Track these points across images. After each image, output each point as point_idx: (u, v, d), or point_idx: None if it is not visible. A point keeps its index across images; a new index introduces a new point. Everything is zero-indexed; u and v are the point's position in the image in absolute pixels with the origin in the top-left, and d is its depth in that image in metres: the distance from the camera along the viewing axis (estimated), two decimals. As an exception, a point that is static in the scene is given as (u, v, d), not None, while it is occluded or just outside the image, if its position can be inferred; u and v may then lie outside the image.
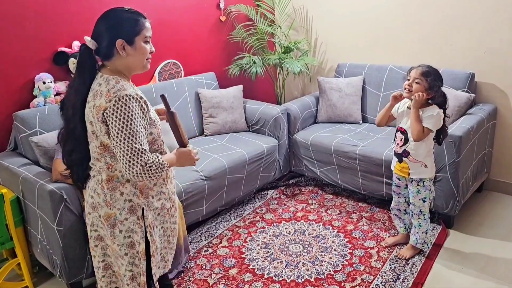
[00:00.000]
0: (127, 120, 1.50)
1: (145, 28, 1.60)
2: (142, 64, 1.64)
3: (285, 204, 3.27)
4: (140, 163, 1.51)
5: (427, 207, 2.47)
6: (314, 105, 3.72)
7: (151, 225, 1.71)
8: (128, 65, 1.61)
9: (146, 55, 1.63)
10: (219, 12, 3.89)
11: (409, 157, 2.38)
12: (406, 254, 2.55)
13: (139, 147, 1.52)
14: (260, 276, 2.45)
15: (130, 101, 1.51)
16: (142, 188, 1.66)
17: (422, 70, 2.28)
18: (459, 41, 3.27)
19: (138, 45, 1.59)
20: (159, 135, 1.68)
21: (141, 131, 1.54)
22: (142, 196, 1.66)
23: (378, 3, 3.62)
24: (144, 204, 1.68)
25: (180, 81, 3.48)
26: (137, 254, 1.70)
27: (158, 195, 1.73)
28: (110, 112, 1.50)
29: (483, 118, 2.92)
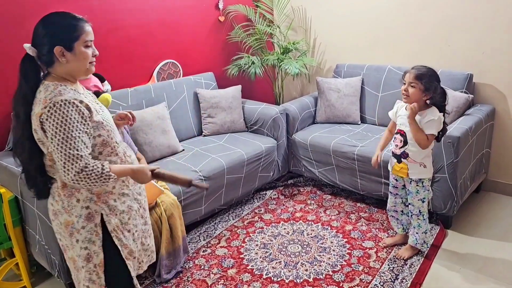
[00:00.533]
0: (61, 126, 1.48)
1: (84, 33, 1.58)
2: (84, 69, 1.61)
3: (283, 205, 3.27)
4: (74, 169, 1.48)
5: (425, 207, 2.47)
6: (312, 105, 3.72)
7: (118, 229, 1.67)
8: (69, 71, 1.59)
9: (87, 60, 1.60)
10: (218, 12, 3.89)
11: (408, 158, 2.39)
12: (405, 255, 2.55)
13: (74, 153, 1.49)
14: (258, 276, 2.45)
15: (66, 106, 1.49)
16: (99, 193, 1.63)
17: (416, 73, 2.28)
18: (457, 42, 3.28)
19: (78, 50, 1.56)
20: (110, 136, 1.64)
21: (78, 136, 1.50)
22: (99, 201, 1.63)
23: (377, 4, 3.63)
24: (104, 210, 1.64)
25: (178, 81, 3.48)
26: (95, 268, 1.66)
27: (121, 198, 1.69)
28: (45, 117, 1.48)
29: (481, 119, 2.93)
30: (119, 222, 1.68)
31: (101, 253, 1.65)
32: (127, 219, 1.71)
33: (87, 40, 1.58)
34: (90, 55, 1.60)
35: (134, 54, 3.32)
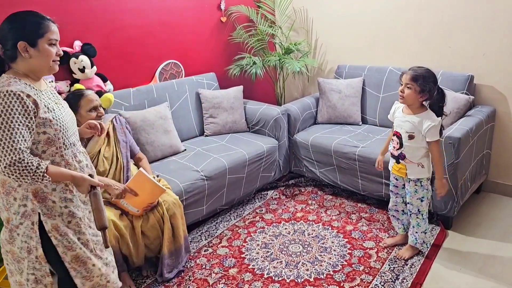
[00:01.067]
0: (1, 116, 1.49)
1: (49, 31, 1.61)
2: (48, 66, 1.63)
3: (284, 205, 3.29)
4: (6, 160, 1.49)
5: (425, 206, 2.48)
6: (314, 106, 3.74)
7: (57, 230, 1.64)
8: (32, 67, 1.62)
9: (51, 57, 1.63)
10: (220, 13, 3.91)
11: (405, 160, 2.41)
12: (405, 255, 2.56)
13: (10, 144, 1.49)
14: (259, 275, 2.46)
15: (10, 97, 1.50)
16: (35, 192, 1.61)
17: (411, 75, 2.30)
18: (458, 43, 3.29)
19: (42, 47, 1.59)
20: (58, 136, 1.63)
21: (17, 128, 1.50)
22: (35, 200, 1.61)
23: (378, 5, 3.64)
24: (41, 209, 1.62)
25: (181, 81, 3.50)
26: (36, 259, 1.65)
27: (63, 202, 1.66)
28: None
29: (482, 120, 2.94)
30: (60, 223, 1.65)
31: (40, 249, 1.64)
32: (67, 222, 1.67)
33: (51, 39, 1.62)
34: (53, 53, 1.63)
35: (136, 54, 3.34)
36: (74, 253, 1.69)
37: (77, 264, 1.70)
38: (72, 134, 1.72)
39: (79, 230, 1.71)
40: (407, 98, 2.31)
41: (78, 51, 2.92)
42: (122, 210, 2.37)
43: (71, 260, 1.69)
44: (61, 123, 1.65)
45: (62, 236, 1.66)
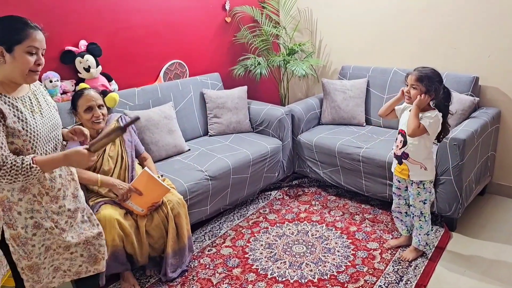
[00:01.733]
0: None
1: (29, 38, 1.52)
2: (23, 74, 1.54)
3: (288, 205, 3.29)
4: None
5: (427, 208, 2.48)
6: (318, 106, 3.73)
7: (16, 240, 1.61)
8: (6, 73, 1.54)
9: (26, 66, 1.53)
10: (224, 13, 3.91)
11: (408, 159, 2.40)
12: (409, 256, 2.56)
13: None
14: (263, 276, 2.46)
15: None
16: (1, 200, 1.57)
17: (416, 75, 2.30)
18: (463, 45, 3.28)
19: (18, 54, 1.51)
20: (26, 147, 1.56)
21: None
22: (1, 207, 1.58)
23: (383, 6, 3.64)
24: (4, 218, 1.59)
25: (185, 82, 3.50)
26: None
27: (29, 213, 1.61)
28: None
29: (486, 121, 2.93)
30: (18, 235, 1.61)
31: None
32: (31, 235, 1.63)
33: (30, 46, 1.53)
34: (31, 62, 1.54)
35: (141, 54, 3.34)
36: (29, 263, 1.66)
37: (30, 272, 1.67)
38: (47, 143, 1.65)
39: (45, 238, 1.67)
40: (413, 99, 2.31)
41: (84, 50, 2.93)
42: (127, 209, 2.38)
43: (24, 267, 1.66)
44: (31, 134, 1.57)
45: (19, 247, 1.62)
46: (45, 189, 1.64)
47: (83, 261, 1.83)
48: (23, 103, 1.59)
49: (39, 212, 1.64)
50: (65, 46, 2.89)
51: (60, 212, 1.70)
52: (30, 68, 1.54)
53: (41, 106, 1.66)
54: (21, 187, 1.58)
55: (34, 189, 1.61)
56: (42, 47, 1.58)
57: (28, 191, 1.60)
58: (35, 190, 1.61)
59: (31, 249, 1.65)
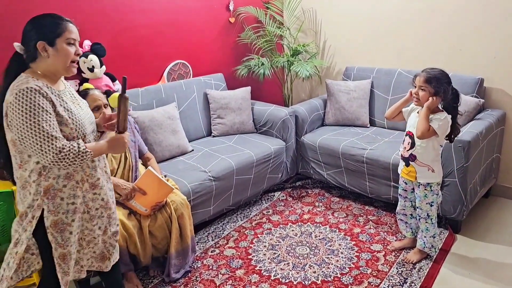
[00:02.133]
0: (30, 111, 1.52)
1: (67, 31, 1.64)
2: (65, 66, 1.65)
3: (291, 206, 3.28)
4: (52, 150, 1.53)
5: (434, 211, 2.46)
6: (321, 107, 3.73)
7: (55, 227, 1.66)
8: (50, 67, 1.64)
9: (69, 57, 1.64)
10: (228, 14, 3.91)
11: (416, 161, 2.38)
12: (413, 258, 2.55)
13: (48, 135, 1.54)
14: (267, 277, 2.46)
15: (31, 93, 1.54)
16: (47, 188, 1.64)
17: (425, 77, 2.28)
18: (468, 46, 3.27)
19: (60, 46, 1.62)
20: (72, 135, 1.65)
21: (48, 119, 1.55)
22: (45, 196, 1.63)
23: (387, 7, 3.63)
24: (47, 206, 1.64)
25: (188, 82, 3.50)
26: (14, 255, 1.69)
27: (70, 198, 1.68)
28: (12, 105, 1.53)
29: (491, 123, 2.91)
30: (59, 220, 1.68)
31: (24, 246, 1.68)
32: (71, 220, 1.70)
33: (69, 38, 1.63)
34: (72, 53, 1.65)
35: (145, 54, 3.34)
36: (64, 251, 1.71)
37: (62, 261, 1.72)
38: (89, 134, 1.75)
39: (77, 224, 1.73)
40: (422, 101, 2.29)
41: (88, 50, 2.93)
42: (130, 209, 2.37)
43: (59, 256, 1.71)
44: (77, 122, 1.67)
45: (58, 233, 1.68)
46: (86, 176, 1.72)
47: (92, 256, 1.87)
48: (65, 95, 1.70)
49: (79, 197, 1.71)
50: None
51: (94, 199, 1.78)
52: (72, 58, 1.65)
53: (78, 101, 1.78)
54: (66, 174, 1.66)
55: (78, 176, 1.69)
56: (78, 39, 1.68)
57: (72, 178, 1.68)
58: (78, 177, 1.69)
59: (68, 237, 1.70)
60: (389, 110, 2.58)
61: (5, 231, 2.37)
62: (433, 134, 2.29)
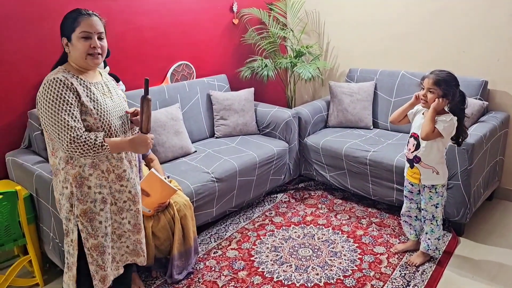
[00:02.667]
0: (52, 100, 1.60)
1: (80, 25, 1.67)
2: (82, 59, 1.69)
3: (294, 208, 3.27)
4: (67, 138, 1.60)
5: (440, 213, 2.45)
6: (325, 109, 3.72)
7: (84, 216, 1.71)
8: (74, 61, 1.71)
9: (82, 50, 1.67)
10: (232, 15, 3.91)
11: (420, 163, 2.38)
12: (417, 261, 2.54)
13: (65, 124, 1.60)
14: (269, 279, 2.45)
15: (57, 83, 1.61)
16: (74, 176, 1.70)
17: (434, 79, 2.26)
18: (472, 49, 3.26)
19: (74, 41, 1.68)
20: (96, 125, 1.69)
21: (68, 109, 1.61)
22: (74, 183, 1.70)
23: (391, 9, 3.62)
24: (76, 194, 1.70)
25: (192, 83, 3.50)
26: (71, 243, 1.75)
27: (97, 188, 1.74)
28: (40, 93, 1.63)
29: (495, 126, 2.91)
30: (88, 209, 1.72)
31: (76, 232, 1.73)
32: (99, 209, 1.74)
33: (82, 31, 1.67)
34: (85, 46, 1.67)
35: (148, 55, 3.35)
36: (95, 241, 1.75)
37: (95, 252, 1.76)
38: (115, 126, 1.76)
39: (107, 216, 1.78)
40: (430, 103, 2.28)
41: (92, 51, 2.93)
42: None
43: (91, 246, 1.75)
44: (101, 113, 1.71)
45: (88, 222, 1.73)
46: (111, 166, 1.77)
47: (126, 251, 1.92)
48: (96, 87, 1.75)
49: (106, 187, 1.76)
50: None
51: (121, 190, 1.82)
52: (87, 51, 1.68)
53: (112, 94, 1.82)
54: (92, 163, 1.71)
55: (103, 165, 1.74)
56: (96, 31, 1.70)
57: (97, 167, 1.73)
58: (104, 167, 1.74)
59: (98, 226, 1.75)
60: (394, 114, 2.55)
61: (8, 231, 2.37)
62: (438, 135, 2.28)
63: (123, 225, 1.85)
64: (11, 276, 2.41)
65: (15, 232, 2.41)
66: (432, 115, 2.26)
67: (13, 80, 2.68)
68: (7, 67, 2.64)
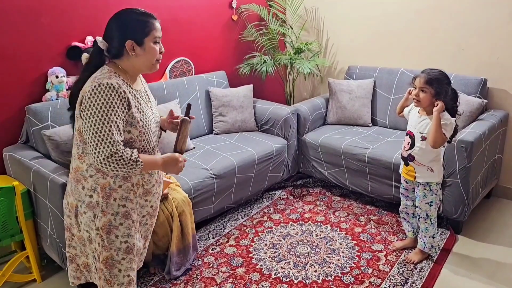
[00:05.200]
0: (101, 107, 1.52)
1: (154, 29, 1.63)
2: (150, 65, 1.65)
3: (292, 205, 3.27)
4: (105, 152, 1.52)
5: (434, 211, 2.46)
6: (324, 106, 3.71)
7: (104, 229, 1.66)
8: (135, 65, 1.64)
9: (155, 56, 1.65)
10: (231, 11, 3.90)
11: (414, 161, 2.38)
12: (414, 259, 2.54)
13: (108, 137, 1.52)
14: (267, 276, 2.45)
15: (110, 90, 1.53)
16: (104, 186, 1.63)
17: (426, 78, 2.27)
18: (472, 47, 3.26)
19: (148, 46, 1.62)
20: (139, 138, 1.64)
21: (115, 121, 1.54)
22: (101, 194, 1.63)
23: (390, 7, 3.61)
24: (102, 205, 1.64)
25: (191, 79, 3.49)
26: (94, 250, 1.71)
27: (122, 200, 1.66)
28: (87, 96, 1.53)
29: (494, 124, 2.91)
30: (108, 222, 1.66)
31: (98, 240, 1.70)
32: (118, 224, 1.68)
33: (156, 36, 1.63)
34: (158, 51, 1.65)
35: (147, 51, 3.33)
36: (107, 254, 1.69)
37: (104, 266, 1.70)
38: (154, 139, 1.73)
39: (128, 233, 1.71)
40: (423, 102, 2.29)
41: (90, 46, 2.91)
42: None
43: (102, 259, 1.69)
44: (146, 126, 1.66)
45: (105, 235, 1.67)
46: (143, 181, 1.71)
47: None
48: (140, 96, 1.69)
49: (132, 202, 1.69)
50: (72, 42, 2.88)
51: (145, 205, 1.77)
52: (157, 57, 1.66)
53: (151, 103, 1.77)
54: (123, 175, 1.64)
55: (135, 179, 1.68)
56: (161, 36, 1.69)
57: (129, 179, 1.66)
58: (135, 180, 1.68)
59: (113, 239, 1.68)
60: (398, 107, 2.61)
61: (6, 227, 2.36)
62: (445, 140, 2.27)
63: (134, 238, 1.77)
64: (8, 271, 2.40)
65: (12, 227, 2.40)
66: (438, 122, 2.20)
67: (11, 75, 2.66)
68: (5, 62, 2.62)
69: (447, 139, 2.28)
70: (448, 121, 2.26)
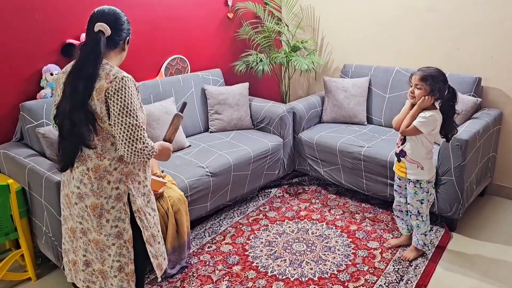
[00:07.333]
0: (128, 99, 1.60)
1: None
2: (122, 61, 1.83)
3: (288, 203, 3.28)
4: (140, 140, 1.62)
5: (425, 208, 2.47)
6: (319, 104, 3.72)
7: (141, 210, 1.76)
8: (121, 60, 1.81)
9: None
10: (226, 9, 3.89)
11: (406, 157, 2.40)
12: (409, 256, 2.56)
13: (141, 126, 1.63)
14: (263, 273, 2.45)
15: (129, 82, 1.64)
16: (127, 173, 1.72)
17: (421, 75, 2.30)
18: (466, 46, 3.28)
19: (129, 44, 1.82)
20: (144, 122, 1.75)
21: (139, 109, 1.65)
22: (127, 181, 1.71)
23: (386, 5, 3.62)
24: (130, 190, 1.73)
25: (186, 77, 3.48)
26: (125, 244, 1.74)
27: (144, 181, 1.80)
28: (112, 91, 1.59)
29: (488, 122, 2.93)
30: (142, 204, 1.76)
31: (130, 230, 1.74)
32: (146, 202, 1.80)
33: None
34: None
35: (142, 49, 3.31)
36: (148, 233, 1.79)
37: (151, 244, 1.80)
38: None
39: (153, 208, 1.85)
40: (418, 99, 2.31)
41: (85, 44, 2.90)
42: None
43: (147, 239, 1.78)
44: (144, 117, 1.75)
45: (143, 216, 1.76)
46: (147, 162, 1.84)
47: None
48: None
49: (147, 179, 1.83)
50: (66, 39, 2.86)
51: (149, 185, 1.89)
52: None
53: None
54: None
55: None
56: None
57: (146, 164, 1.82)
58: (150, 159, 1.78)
59: (148, 218, 1.80)
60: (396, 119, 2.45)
61: (0, 225, 2.34)
62: (415, 131, 2.32)
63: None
64: (3, 270, 2.38)
65: (7, 226, 2.38)
66: (414, 112, 2.33)
67: (5, 72, 2.64)
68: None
69: (418, 130, 2.30)
70: (426, 119, 2.28)
